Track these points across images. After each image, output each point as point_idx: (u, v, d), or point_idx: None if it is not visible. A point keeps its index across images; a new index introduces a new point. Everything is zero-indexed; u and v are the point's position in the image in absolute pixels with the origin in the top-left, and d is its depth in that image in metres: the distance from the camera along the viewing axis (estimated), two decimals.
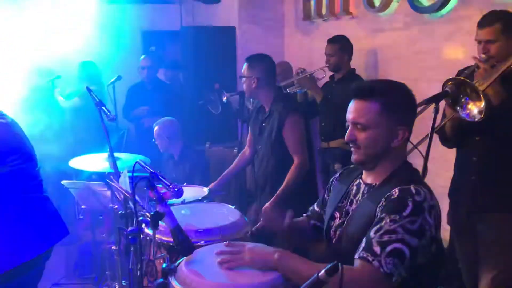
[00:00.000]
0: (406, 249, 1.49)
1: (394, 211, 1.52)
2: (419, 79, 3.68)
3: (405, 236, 1.49)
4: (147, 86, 4.96)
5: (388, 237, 1.49)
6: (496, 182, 2.48)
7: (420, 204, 1.53)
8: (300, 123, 3.11)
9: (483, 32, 2.42)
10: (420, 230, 1.51)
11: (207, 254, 1.71)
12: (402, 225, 1.50)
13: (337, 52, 3.93)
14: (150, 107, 4.76)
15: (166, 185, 2.12)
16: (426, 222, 1.52)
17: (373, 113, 1.61)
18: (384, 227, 1.51)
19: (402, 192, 1.56)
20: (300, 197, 2.84)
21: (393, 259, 1.48)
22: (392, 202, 1.55)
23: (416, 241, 1.50)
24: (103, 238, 3.75)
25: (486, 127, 2.35)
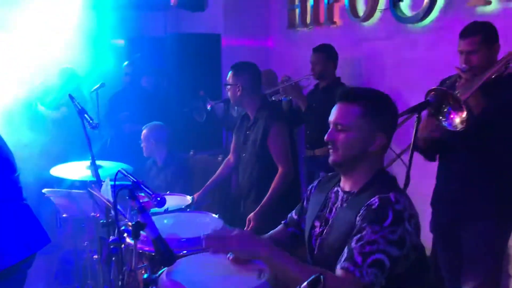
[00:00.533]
0: (386, 260, 1.52)
1: (375, 221, 1.55)
2: (402, 88, 3.72)
3: (386, 247, 1.52)
4: (129, 93, 4.91)
5: (369, 247, 1.52)
6: (478, 190, 2.51)
7: (400, 214, 1.56)
8: (285, 131, 3.11)
9: (465, 43, 2.46)
10: (401, 239, 1.54)
11: (189, 264, 1.70)
12: (383, 235, 1.52)
13: (322, 60, 3.95)
14: (132, 113, 4.72)
15: (148, 194, 2.10)
16: (406, 231, 1.55)
17: (354, 116, 1.67)
18: (365, 238, 1.54)
19: (382, 201, 1.58)
20: (285, 205, 2.83)
21: (374, 269, 1.51)
22: (372, 212, 1.58)
23: (397, 251, 1.53)
24: (84, 247, 3.69)
25: (467, 136, 2.38)
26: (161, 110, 4.77)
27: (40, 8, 4.58)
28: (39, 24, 4.55)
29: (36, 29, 4.53)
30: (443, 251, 2.74)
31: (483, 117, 2.31)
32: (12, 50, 4.29)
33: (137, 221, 1.64)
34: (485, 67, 2.37)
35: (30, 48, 4.44)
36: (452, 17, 3.28)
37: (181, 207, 2.89)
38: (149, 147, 3.90)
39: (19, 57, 4.33)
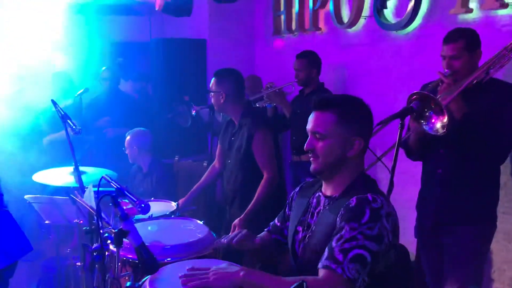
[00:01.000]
0: (367, 254, 1.55)
1: (353, 219, 1.58)
2: (386, 94, 3.76)
3: (365, 242, 1.55)
4: (109, 98, 4.86)
5: (349, 244, 1.55)
6: (461, 195, 2.53)
7: (377, 211, 1.59)
8: (269, 137, 3.11)
9: (448, 48, 2.49)
10: (379, 235, 1.57)
11: (172, 272, 1.68)
12: (361, 231, 1.56)
13: (306, 67, 3.97)
14: (114, 119, 4.67)
15: (132, 201, 2.09)
16: (383, 228, 1.58)
17: (330, 123, 1.71)
18: (344, 236, 1.57)
19: (359, 200, 1.62)
20: (270, 211, 2.83)
21: (355, 264, 1.53)
22: (350, 210, 1.61)
23: (376, 246, 1.56)
24: (67, 254, 3.64)
25: (449, 140, 2.41)
26: (145, 116, 4.74)
27: (25, 13, 4.54)
28: (25, 29, 4.50)
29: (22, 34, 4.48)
30: (426, 255, 2.76)
31: (464, 122, 2.34)
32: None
33: (119, 228, 1.63)
34: (466, 73, 2.40)
35: (16, 52, 4.39)
36: (435, 24, 3.32)
37: (165, 214, 2.87)
38: (133, 153, 3.88)
39: (6, 60, 4.28)
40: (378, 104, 3.59)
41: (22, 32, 4.49)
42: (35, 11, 4.64)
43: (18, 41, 4.46)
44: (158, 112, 5.12)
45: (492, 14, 2.93)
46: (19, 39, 4.47)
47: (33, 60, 4.47)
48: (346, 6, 4.11)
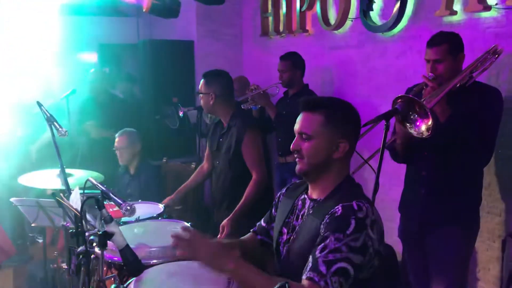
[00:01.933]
0: (350, 268, 1.54)
1: (338, 230, 1.57)
2: (371, 96, 3.78)
3: (349, 254, 1.55)
4: (97, 100, 4.82)
5: (333, 256, 1.54)
6: (445, 196, 2.56)
7: (362, 221, 1.59)
8: (258, 138, 3.12)
9: (431, 51, 2.51)
10: (363, 246, 1.57)
11: (157, 274, 1.68)
12: (346, 243, 1.55)
13: (290, 68, 3.99)
14: (100, 120, 4.64)
15: (118, 203, 2.08)
16: (369, 238, 1.58)
17: (317, 125, 1.71)
18: (328, 246, 1.56)
19: (345, 209, 1.61)
20: (258, 212, 2.83)
21: (338, 278, 1.53)
22: (335, 220, 1.60)
23: (360, 258, 1.56)
24: (54, 257, 3.61)
25: (433, 143, 2.43)
26: (133, 117, 4.72)
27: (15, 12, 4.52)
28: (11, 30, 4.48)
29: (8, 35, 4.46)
30: (411, 256, 2.78)
31: (449, 125, 2.37)
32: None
33: (104, 231, 1.62)
34: (450, 76, 2.43)
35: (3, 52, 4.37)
36: (420, 26, 3.36)
37: (152, 216, 2.86)
38: (122, 154, 3.86)
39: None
40: (364, 106, 3.61)
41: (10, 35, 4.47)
42: (23, 12, 4.62)
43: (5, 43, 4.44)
44: (146, 113, 5.11)
45: (476, 16, 2.97)
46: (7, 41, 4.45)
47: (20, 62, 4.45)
48: (333, 8, 4.13)
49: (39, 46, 4.72)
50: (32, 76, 4.79)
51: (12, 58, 4.51)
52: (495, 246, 2.97)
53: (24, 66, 4.58)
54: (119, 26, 5.83)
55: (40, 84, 4.78)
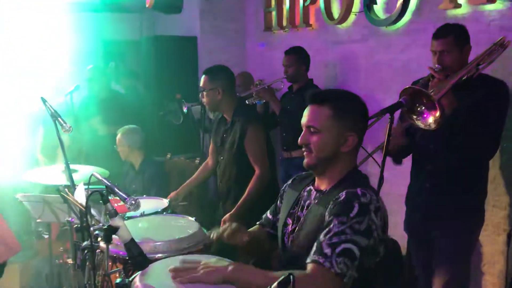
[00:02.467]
0: (355, 249, 1.53)
1: (341, 213, 1.57)
2: (376, 90, 3.77)
3: (354, 236, 1.54)
4: (97, 96, 4.81)
5: (337, 238, 1.54)
6: (449, 189, 2.55)
7: (366, 205, 1.59)
8: (261, 133, 3.12)
9: (438, 43, 2.50)
10: (368, 230, 1.56)
11: (162, 268, 1.68)
12: (350, 226, 1.55)
13: (294, 63, 3.98)
14: (103, 117, 4.64)
15: (122, 198, 2.09)
16: (372, 222, 1.58)
17: (325, 118, 1.70)
18: (332, 230, 1.56)
19: (348, 194, 1.61)
20: (262, 206, 2.84)
21: (343, 258, 1.52)
22: (339, 204, 1.61)
23: (365, 241, 1.55)
24: (60, 252, 3.63)
25: (438, 136, 2.42)
26: (137, 113, 4.72)
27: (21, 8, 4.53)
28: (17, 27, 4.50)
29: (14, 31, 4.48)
30: (416, 249, 2.78)
31: (454, 118, 2.36)
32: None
33: (108, 225, 1.63)
34: (457, 68, 2.42)
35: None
36: (424, 20, 3.34)
37: (157, 211, 2.86)
38: (124, 151, 3.86)
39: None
40: (368, 100, 3.55)
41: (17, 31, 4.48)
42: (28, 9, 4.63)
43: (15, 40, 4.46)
44: (150, 109, 5.11)
45: (480, 9, 2.95)
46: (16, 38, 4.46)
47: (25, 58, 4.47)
48: (337, 2, 4.11)
49: (43, 44, 4.73)
50: (37, 75, 4.81)
51: (16, 57, 4.52)
52: (500, 240, 2.96)
53: (28, 65, 4.60)
54: (122, 22, 5.83)
55: (46, 82, 4.79)
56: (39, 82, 4.77)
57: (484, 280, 3.11)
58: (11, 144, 4.29)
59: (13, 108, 4.57)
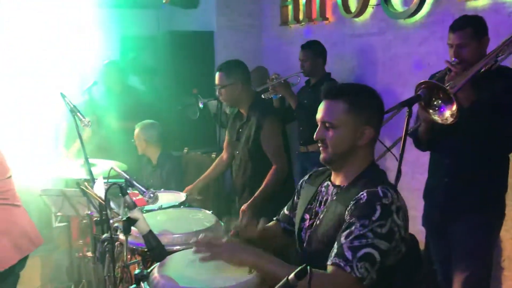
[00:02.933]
0: (376, 253, 1.53)
1: (363, 216, 1.56)
2: (393, 83, 3.74)
3: (375, 240, 1.53)
4: (113, 91, 4.86)
5: (358, 242, 1.53)
6: (468, 184, 2.52)
7: (388, 207, 1.57)
8: (278, 127, 3.11)
9: (455, 36, 2.47)
10: (389, 233, 1.55)
11: (180, 260, 1.70)
12: (371, 229, 1.54)
13: (311, 57, 3.96)
14: (118, 112, 4.67)
15: (141, 191, 2.12)
16: (394, 224, 1.56)
17: (340, 113, 1.68)
18: (354, 232, 1.55)
19: (370, 195, 1.59)
20: (278, 201, 2.84)
21: (364, 263, 1.51)
22: (360, 206, 1.59)
23: (386, 244, 1.54)
24: (79, 245, 3.69)
25: (457, 129, 2.39)
26: (154, 108, 4.75)
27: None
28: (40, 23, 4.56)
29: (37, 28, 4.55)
30: (435, 244, 2.76)
31: (473, 111, 2.32)
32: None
33: (128, 217, 1.65)
34: (474, 61, 2.37)
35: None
36: (443, 12, 3.29)
37: (175, 204, 2.89)
38: (141, 145, 3.90)
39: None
40: (385, 94, 3.53)
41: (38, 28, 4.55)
42: (46, 7, 4.69)
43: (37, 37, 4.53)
44: (167, 104, 5.14)
45: (500, 1, 2.90)
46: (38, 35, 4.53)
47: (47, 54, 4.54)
48: None
49: (63, 40, 4.78)
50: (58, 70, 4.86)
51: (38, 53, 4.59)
52: None
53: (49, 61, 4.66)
54: (139, 17, 5.86)
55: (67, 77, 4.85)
56: (59, 78, 4.84)
57: (504, 275, 3.08)
58: (32, 139, 4.36)
59: (34, 104, 4.64)
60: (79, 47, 4.92)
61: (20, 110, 4.48)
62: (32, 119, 4.55)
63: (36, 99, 4.60)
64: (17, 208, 2.57)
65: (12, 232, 2.50)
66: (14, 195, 2.58)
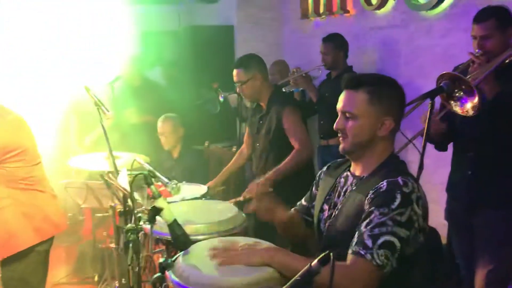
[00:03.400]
0: (396, 241, 1.53)
1: (383, 204, 1.56)
2: (416, 76, 3.70)
3: (395, 228, 1.53)
4: (132, 86, 4.90)
5: (378, 230, 1.54)
6: (492, 177, 2.49)
7: (408, 196, 1.57)
8: (297, 113, 3.10)
9: (478, 28, 2.44)
10: (409, 221, 1.55)
11: (204, 249, 1.73)
12: (391, 217, 1.54)
13: (332, 50, 3.95)
14: (138, 106, 4.72)
15: (164, 182, 2.15)
16: (414, 213, 1.57)
17: (361, 103, 1.68)
18: (374, 221, 1.55)
19: (390, 184, 1.59)
20: (299, 193, 2.85)
21: (384, 251, 1.52)
22: (380, 195, 1.59)
23: (406, 232, 1.55)
24: (103, 237, 3.76)
25: (481, 122, 2.36)
26: (175, 103, 4.79)
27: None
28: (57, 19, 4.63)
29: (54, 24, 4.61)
30: (457, 238, 2.73)
31: (497, 102, 2.29)
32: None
33: (153, 206, 1.68)
34: (498, 52, 2.35)
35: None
36: (467, 3, 3.25)
37: (196, 197, 2.92)
38: (169, 139, 3.93)
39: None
40: (407, 87, 3.50)
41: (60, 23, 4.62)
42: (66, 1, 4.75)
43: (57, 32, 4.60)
44: (188, 99, 5.17)
45: None
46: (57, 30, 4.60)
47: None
48: None
49: (84, 35, 4.85)
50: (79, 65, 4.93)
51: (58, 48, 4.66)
52: None
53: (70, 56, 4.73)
54: (160, 13, 5.91)
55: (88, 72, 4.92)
56: (81, 73, 4.91)
57: None
58: (56, 132, 4.44)
59: (57, 97, 4.71)
60: (101, 43, 4.98)
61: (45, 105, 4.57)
62: (57, 114, 4.64)
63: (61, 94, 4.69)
64: (42, 193, 2.67)
65: (34, 215, 2.61)
66: (40, 181, 2.67)
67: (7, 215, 2.50)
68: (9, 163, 2.48)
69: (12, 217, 2.51)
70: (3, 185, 2.49)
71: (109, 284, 3.66)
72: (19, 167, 2.52)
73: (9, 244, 2.51)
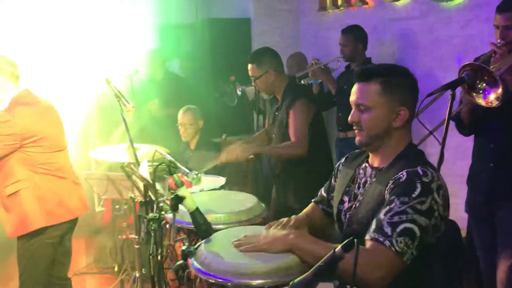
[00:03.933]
0: (416, 228, 1.52)
1: (403, 193, 1.56)
2: (435, 68, 3.67)
3: (415, 216, 1.53)
4: (154, 79, 4.94)
5: (398, 218, 1.53)
6: None
7: (428, 185, 1.56)
8: (307, 109, 3.07)
9: (501, 17, 2.41)
10: (430, 209, 1.55)
11: (225, 237, 1.75)
12: (411, 206, 1.53)
13: (351, 42, 3.93)
14: (160, 98, 4.76)
15: (185, 172, 2.18)
16: (434, 202, 1.56)
17: (374, 94, 1.67)
18: (394, 209, 1.55)
19: (410, 174, 1.59)
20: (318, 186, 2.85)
21: (404, 238, 1.51)
22: (400, 184, 1.59)
23: (426, 221, 1.54)
24: (123, 227, 3.81)
25: (503, 113, 2.34)
26: (193, 95, 4.83)
27: None
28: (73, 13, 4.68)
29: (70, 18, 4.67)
30: (478, 230, 2.71)
31: None
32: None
33: (175, 194, 1.71)
34: None
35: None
36: None
37: (215, 188, 2.94)
38: (187, 130, 3.95)
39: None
40: (427, 78, 3.52)
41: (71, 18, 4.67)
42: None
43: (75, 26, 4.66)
44: (205, 91, 5.20)
45: None
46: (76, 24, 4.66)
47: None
48: None
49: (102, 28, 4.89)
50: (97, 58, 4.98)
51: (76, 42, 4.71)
52: None
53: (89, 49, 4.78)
54: (178, 5, 5.93)
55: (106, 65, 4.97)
56: (101, 66, 4.96)
57: None
58: (77, 124, 4.50)
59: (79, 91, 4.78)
60: (119, 36, 5.02)
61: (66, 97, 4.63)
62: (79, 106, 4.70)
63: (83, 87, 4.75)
64: (61, 179, 2.77)
65: (49, 200, 2.72)
66: (60, 168, 2.78)
67: (24, 196, 2.65)
68: (29, 147, 2.63)
69: (27, 199, 2.65)
70: (23, 167, 2.64)
71: (128, 274, 3.72)
72: (38, 153, 2.66)
73: (23, 223, 2.66)
